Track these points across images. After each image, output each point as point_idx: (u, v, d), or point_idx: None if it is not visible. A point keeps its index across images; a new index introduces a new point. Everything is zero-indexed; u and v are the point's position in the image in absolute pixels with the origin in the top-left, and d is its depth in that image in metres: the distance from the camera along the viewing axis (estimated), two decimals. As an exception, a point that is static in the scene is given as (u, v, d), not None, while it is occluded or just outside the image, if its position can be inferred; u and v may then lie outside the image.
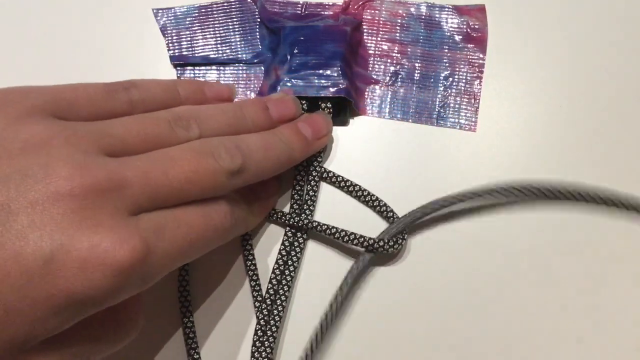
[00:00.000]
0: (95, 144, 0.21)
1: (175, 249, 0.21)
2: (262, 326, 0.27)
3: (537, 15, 0.32)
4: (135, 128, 0.23)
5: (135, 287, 0.20)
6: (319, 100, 0.29)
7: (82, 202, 0.19)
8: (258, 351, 0.26)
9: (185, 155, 0.22)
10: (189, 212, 0.22)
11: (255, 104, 0.28)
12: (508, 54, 0.31)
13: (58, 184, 0.19)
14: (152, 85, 0.26)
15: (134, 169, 0.21)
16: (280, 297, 0.27)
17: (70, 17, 0.33)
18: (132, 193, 0.20)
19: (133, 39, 0.32)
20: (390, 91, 0.31)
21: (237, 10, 0.32)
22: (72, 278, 0.18)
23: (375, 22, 0.32)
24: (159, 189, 0.21)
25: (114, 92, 0.24)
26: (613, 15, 0.32)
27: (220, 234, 0.23)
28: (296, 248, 0.28)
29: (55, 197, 0.18)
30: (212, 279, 0.28)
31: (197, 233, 0.22)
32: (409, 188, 0.29)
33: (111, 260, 0.18)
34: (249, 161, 0.24)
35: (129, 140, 0.22)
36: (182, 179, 0.21)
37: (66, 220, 0.18)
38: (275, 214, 0.28)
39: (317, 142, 0.28)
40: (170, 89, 0.26)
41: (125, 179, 0.20)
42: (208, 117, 0.25)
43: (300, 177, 0.29)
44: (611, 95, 0.30)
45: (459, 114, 0.30)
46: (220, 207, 0.23)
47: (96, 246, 0.18)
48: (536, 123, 0.30)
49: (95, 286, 0.18)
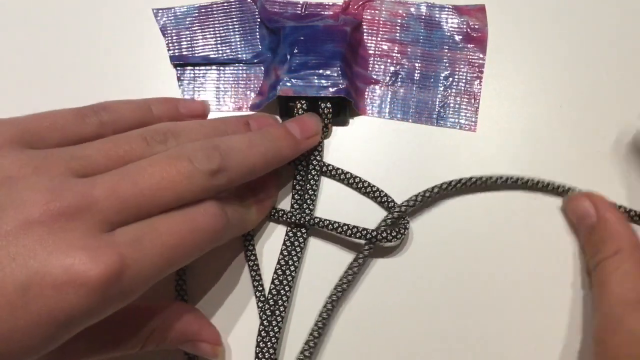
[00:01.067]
0: (64, 168, 0.21)
1: (157, 257, 0.21)
2: (266, 327, 0.27)
3: (537, 15, 0.32)
4: (107, 148, 0.23)
5: (117, 301, 0.20)
6: (319, 100, 0.29)
7: (52, 226, 0.19)
8: (262, 352, 0.26)
9: (156, 162, 0.22)
10: (169, 219, 0.22)
11: (236, 118, 0.28)
12: (508, 54, 0.31)
13: (27, 212, 0.19)
14: (123, 106, 0.26)
15: (102, 185, 0.21)
16: (282, 297, 0.27)
17: (70, 17, 0.33)
18: (101, 209, 0.20)
19: (133, 39, 0.32)
20: (390, 91, 0.31)
21: (237, 10, 0.32)
22: (50, 302, 0.18)
23: (375, 22, 0.32)
24: (130, 200, 0.21)
25: (83, 117, 0.24)
26: (613, 15, 0.32)
27: (210, 236, 0.23)
28: (297, 247, 0.28)
29: (26, 225, 0.19)
30: (214, 280, 0.28)
31: (180, 238, 0.22)
32: (409, 188, 0.29)
33: (84, 280, 0.19)
34: (229, 160, 0.24)
35: (99, 161, 0.22)
36: (154, 187, 0.21)
37: (38, 246, 0.19)
38: (276, 212, 0.28)
39: (307, 141, 0.28)
40: (142, 108, 0.26)
41: (92, 197, 0.20)
42: (185, 129, 0.25)
43: (300, 176, 0.29)
44: (611, 95, 0.30)
45: (459, 114, 0.30)
46: (206, 209, 0.23)
47: (69, 268, 0.19)
48: (536, 123, 0.30)
49: (72, 307, 0.19)
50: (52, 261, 0.19)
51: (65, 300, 0.18)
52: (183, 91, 0.31)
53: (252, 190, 0.27)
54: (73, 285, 0.18)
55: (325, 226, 0.27)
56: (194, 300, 0.28)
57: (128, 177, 0.21)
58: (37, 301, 0.18)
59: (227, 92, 0.31)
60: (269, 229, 0.29)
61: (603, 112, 0.30)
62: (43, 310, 0.18)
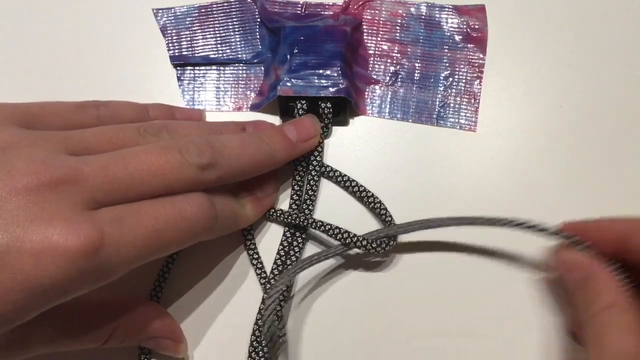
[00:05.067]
0: (60, 145, 0.22)
1: (138, 239, 0.21)
2: (260, 326, 0.27)
3: (537, 15, 0.32)
4: (102, 133, 0.23)
5: (94, 278, 0.20)
6: (319, 100, 0.29)
7: (38, 196, 0.19)
8: (255, 351, 0.26)
9: (148, 149, 0.23)
10: (155, 204, 0.22)
11: (234, 122, 0.28)
12: (508, 55, 0.31)
13: (15, 180, 0.20)
14: (122, 105, 0.27)
15: (92, 163, 0.21)
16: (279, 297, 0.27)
17: (70, 17, 0.33)
18: (88, 187, 0.21)
19: (133, 39, 0.32)
20: (390, 91, 0.31)
21: (237, 10, 0.32)
22: (27, 268, 0.19)
23: (375, 22, 0.32)
24: (118, 182, 0.21)
25: (83, 109, 0.25)
26: (613, 15, 0.32)
27: (195, 225, 0.23)
28: (295, 248, 0.28)
29: (13, 191, 0.19)
30: (215, 280, 0.28)
31: (164, 223, 0.22)
32: (409, 188, 0.29)
33: (63, 249, 0.19)
34: (221, 157, 0.24)
35: (94, 143, 0.23)
36: (144, 172, 0.22)
37: (22, 213, 0.19)
38: (275, 212, 0.28)
39: (303, 144, 0.28)
40: (140, 109, 0.27)
41: (82, 173, 0.21)
42: (180, 126, 0.26)
43: (299, 176, 0.29)
44: (611, 95, 0.30)
45: (459, 114, 0.30)
46: (194, 199, 0.23)
47: (49, 237, 0.19)
48: (536, 123, 0.30)
49: (49, 275, 0.19)
50: (33, 229, 0.19)
51: (42, 268, 0.19)
52: (183, 91, 0.31)
53: (248, 188, 0.27)
54: (51, 254, 0.19)
55: (318, 227, 0.27)
56: (194, 297, 0.28)
57: (119, 159, 0.22)
58: (13, 266, 0.18)
59: (227, 92, 0.31)
60: (272, 228, 0.29)
61: (603, 112, 0.30)
62: (19, 276, 0.18)
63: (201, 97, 0.31)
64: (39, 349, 0.23)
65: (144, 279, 0.28)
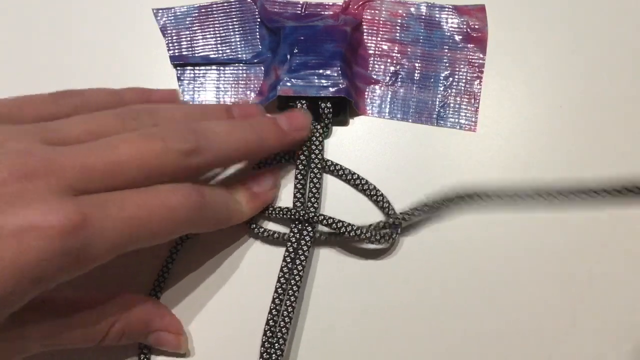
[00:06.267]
0: (36, 137, 0.21)
1: (122, 224, 0.21)
2: (272, 326, 0.26)
3: (537, 15, 0.32)
4: (81, 121, 0.23)
5: (77, 260, 0.20)
6: (319, 100, 0.29)
7: (14, 185, 0.19)
8: (267, 352, 0.26)
9: (128, 138, 0.22)
10: (138, 192, 0.22)
11: (217, 104, 0.28)
12: (508, 55, 0.31)
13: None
14: (96, 92, 0.26)
15: (70, 154, 0.21)
16: (290, 297, 0.27)
17: (70, 17, 0.33)
18: (66, 176, 0.20)
19: (133, 39, 0.32)
20: (390, 91, 0.31)
21: (237, 10, 0.32)
22: (11, 250, 0.18)
23: (375, 22, 0.32)
24: (97, 171, 0.21)
25: (57, 99, 0.25)
26: (613, 15, 0.32)
27: (181, 215, 0.23)
28: (303, 247, 0.27)
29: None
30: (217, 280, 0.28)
31: (148, 211, 0.22)
32: (409, 188, 0.29)
33: (45, 227, 0.19)
34: (206, 142, 0.23)
35: (72, 134, 0.22)
36: (123, 161, 0.22)
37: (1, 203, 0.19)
38: (274, 209, 0.28)
39: (295, 132, 0.27)
40: (115, 95, 0.27)
41: (58, 163, 0.20)
42: (160, 109, 0.25)
43: (300, 175, 0.29)
44: (611, 95, 0.30)
45: (459, 114, 0.30)
46: (180, 190, 0.23)
47: (29, 217, 0.19)
48: (536, 123, 0.30)
49: (33, 254, 0.19)
50: (13, 213, 0.19)
51: (25, 247, 0.19)
52: (183, 91, 0.31)
53: (244, 183, 0.27)
54: (32, 234, 0.19)
55: (320, 221, 0.27)
56: (198, 296, 0.28)
57: (98, 150, 0.21)
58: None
59: (227, 92, 0.31)
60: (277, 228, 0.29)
61: (603, 112, 0.30)
62: (3, 260, 0.18)
63: (201, 97, 0.31)
64: (34, 347, 0.23)
65: (144, 278, 0.28)
